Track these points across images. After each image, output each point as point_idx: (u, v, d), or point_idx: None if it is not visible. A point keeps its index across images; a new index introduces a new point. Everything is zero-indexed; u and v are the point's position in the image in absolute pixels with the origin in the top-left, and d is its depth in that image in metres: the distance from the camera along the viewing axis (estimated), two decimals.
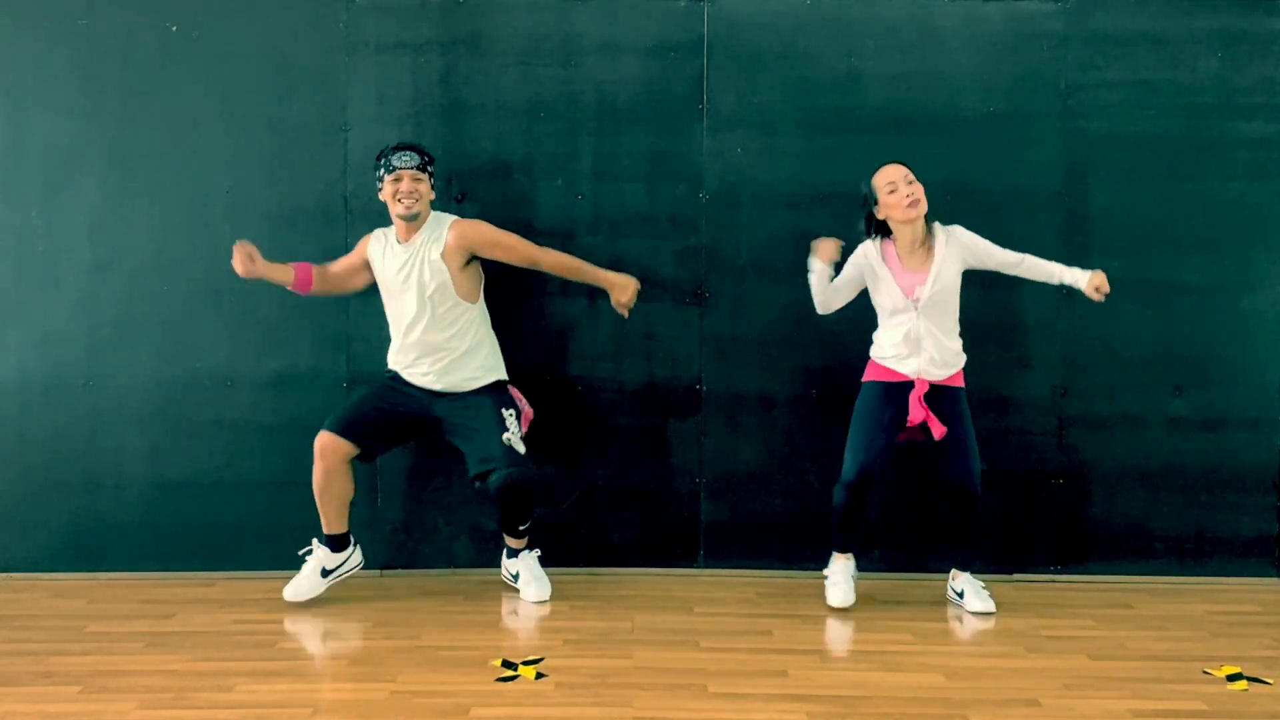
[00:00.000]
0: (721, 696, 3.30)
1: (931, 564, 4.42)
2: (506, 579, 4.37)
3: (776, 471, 4.56)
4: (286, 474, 4.44)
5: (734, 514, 4.58)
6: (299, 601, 4.13)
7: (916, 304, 4.02)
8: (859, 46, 4.50)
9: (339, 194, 4.51)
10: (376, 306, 4.32)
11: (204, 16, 4.48)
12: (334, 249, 4.41)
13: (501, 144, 4.52)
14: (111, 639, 3.79)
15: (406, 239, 4.19)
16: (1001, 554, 4.53)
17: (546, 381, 4.49)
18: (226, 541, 4.52)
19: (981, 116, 4.50)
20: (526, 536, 4.30)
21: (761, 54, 4.51)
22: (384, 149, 4.20)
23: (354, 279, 4.31)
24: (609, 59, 4.51)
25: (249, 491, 4.52)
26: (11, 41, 4.49)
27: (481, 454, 4.11)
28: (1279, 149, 4.50)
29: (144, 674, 3.46)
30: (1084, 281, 4.03)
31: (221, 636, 3.81)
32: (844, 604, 4.09)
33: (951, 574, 4.24)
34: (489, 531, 4.48)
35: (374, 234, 4.28)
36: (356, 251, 4.31)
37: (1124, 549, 4.55)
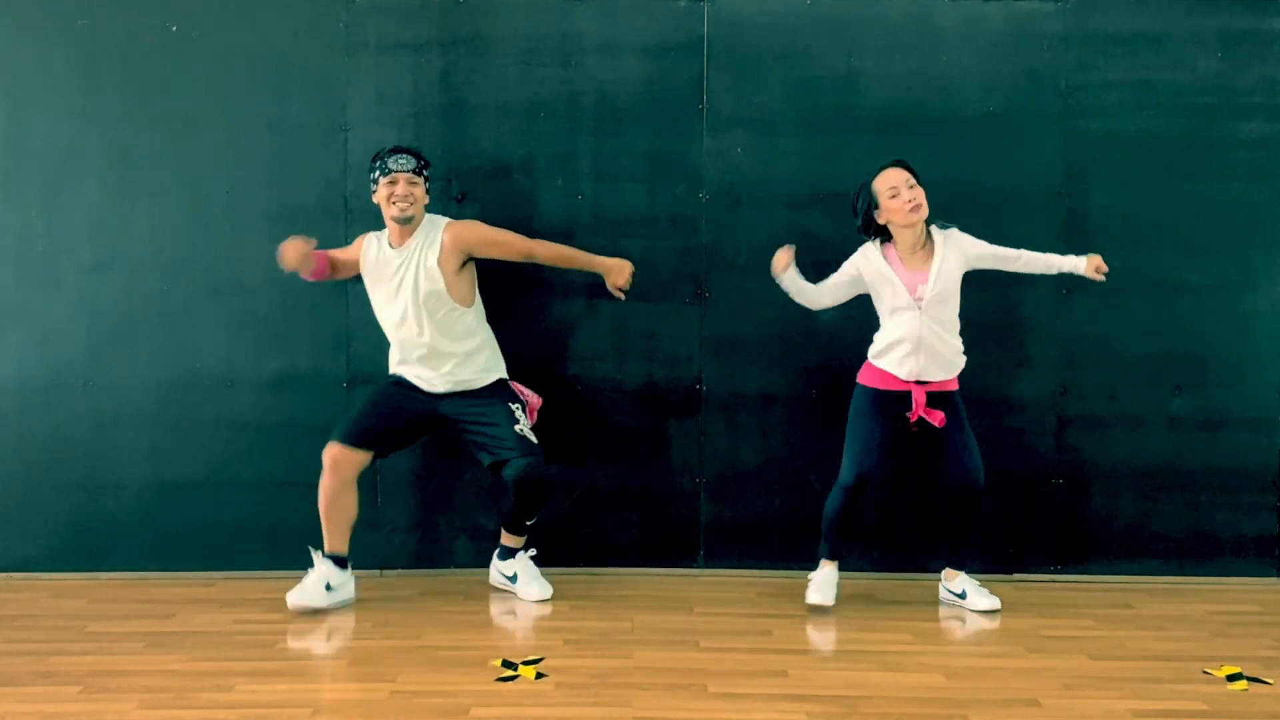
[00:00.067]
0: (721, 696, 3.30)
1: (931, 564, 4.41)
2: (500, 582, 4.34)
3: (776, 471, 4.56)
4: (286, 474, 4.46)
5: (734, 514, 4.58)
6: (302, 609, 4.05)
7: (920, 303, 4.02)
8: (859, 46, 4.50)
9: (339, 194, 4.51)
10: None
11: (204, 16, 4.49)
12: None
13: (501, 144, 4.52)
14: (111, 639, 3.79)
15: (400, 243, 4.18)
16: (1001, 554, 4.54)
17: (546, 382, 4.48)
18: (226, 541, 4.53)
19: (981, 116, 4.50)
20: (526, 535, 4.29)
21: (761, 54, 4.50)
22: (379, 152, 4.19)
23: (354, 270, 4.31)
24: (609, 59, 4.51)
25: (249, 491, 4.52)
26: (11, 41, 4.49)
27: (496, 443, 4.11)
28: (1279, 149, 4.50)
29: (144, 674, 3.46)
30: (1083, 266, 4.05)
31: (221, 636, 3.81)
32: (824, 603, 4.08)
33: (945, 575, 4.24)
34: (489, 531, 4.48)
35: (366, 237, 4.27)
36: (353, 248, 4.30)
37: (1124, 549, 4.55)
